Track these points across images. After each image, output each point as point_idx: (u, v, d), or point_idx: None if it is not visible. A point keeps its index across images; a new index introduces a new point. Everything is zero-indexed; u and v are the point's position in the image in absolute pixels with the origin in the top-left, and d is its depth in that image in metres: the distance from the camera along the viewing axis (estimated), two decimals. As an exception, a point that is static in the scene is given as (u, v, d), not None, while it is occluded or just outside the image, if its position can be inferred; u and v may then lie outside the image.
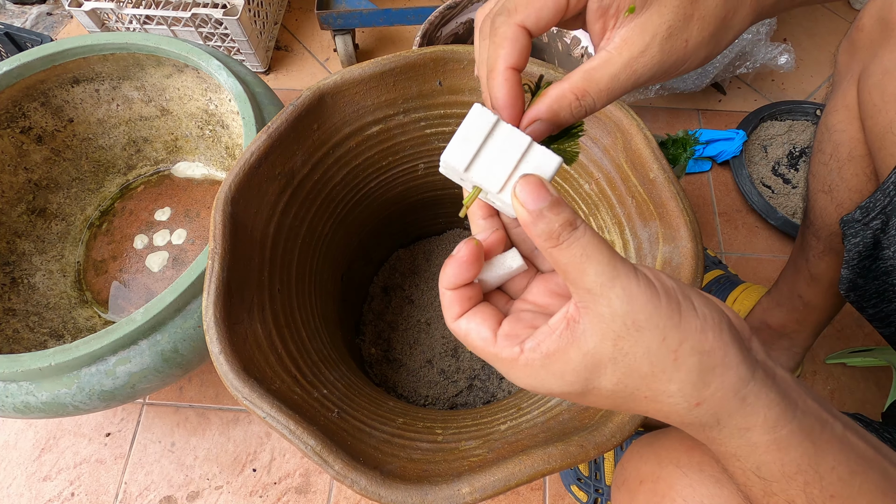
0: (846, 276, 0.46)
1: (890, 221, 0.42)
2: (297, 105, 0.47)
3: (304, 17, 1.12)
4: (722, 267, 0.76)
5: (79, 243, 0.81)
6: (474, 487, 0.33)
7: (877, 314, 0.45)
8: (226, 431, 0.72)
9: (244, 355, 0.38)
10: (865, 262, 0.45)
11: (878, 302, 0.45)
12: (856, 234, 0.45)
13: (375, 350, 0.70)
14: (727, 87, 0.97)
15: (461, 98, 0.53)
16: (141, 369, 0.52)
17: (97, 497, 0.68)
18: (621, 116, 0.46)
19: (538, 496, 0.66)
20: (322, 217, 0.55)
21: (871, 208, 0.43)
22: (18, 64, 0.68)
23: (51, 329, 0.70)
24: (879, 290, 0.44)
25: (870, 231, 0.43)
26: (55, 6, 1.19)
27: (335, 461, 0.34)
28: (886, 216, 0.42)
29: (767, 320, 0.64)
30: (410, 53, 0.49)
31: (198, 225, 0.82)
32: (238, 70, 0.68)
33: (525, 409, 0.43)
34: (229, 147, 0.80)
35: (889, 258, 0.42)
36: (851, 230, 0.45)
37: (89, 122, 0.79)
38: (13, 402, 0.52)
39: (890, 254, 0.42)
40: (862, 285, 0.45)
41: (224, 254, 0.40)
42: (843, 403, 0.71)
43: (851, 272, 0.46)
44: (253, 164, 0.45)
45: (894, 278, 0.42)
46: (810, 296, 0.58)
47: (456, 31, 0.78)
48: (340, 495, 0.67)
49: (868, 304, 0.46)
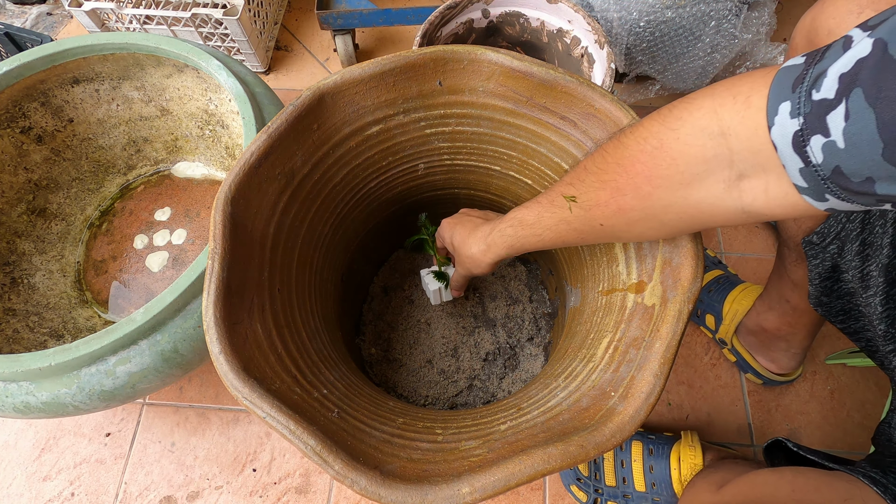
0: (812, 292, 0.46)
1: (845, 247, 0.42)
2: (297, 105, 0.47)
3: (304, 17, 1.12)
4: (722, 267, 0.76)
5: (79, 243, 0.81)
6: (474, 487, 0.33)
7: (846, 329, 0.46)
8: (226, 431, 0.72)
9: (244, 355, 0.38)
10: (827, 283, 0.45)
11: (845, 318, 0.45)
12: (815, 255, 0.45)
13: (375, 350, 0.70)
14: (727, 87, 0.96)
15: (461, 98, 0.53)
16: (141, 369, 0.52)
17: (97, 497, 0.68)
18: (621, 116, 0.46)
19: (538, 496, 0.66)
20: (322, 217, 0.55)
21: (827, 233, 0.44)
22: (18, 64, 0.68)
23: (51, 329, 0.70)
24: (845, 309, 0.45)
25: (828, 255, 0.44)
26: (55, 6, 1.19)
27: (335, 461, 0.34)
28: (841, 241, 0.43)
29: (762, 324, 0.64)
30: (410, 53, 0.49)
31: (198, 225, 0.82)
32: (238, 70, 0.68)
33: (525, 409, 0.43)
34: (229, 147, 0.80)
35: (849, 281, 0.42)
36: (812, 252, 0.46)
37: (89, 122, 0.79)
38: (13, 402, 0.52)
39: (849, 277, 0.42)
40: (827, 303, 0.46)
41: (224, 254, 0.40)
42: (843, 403, 0.71)
43: (816, 290, 0.46)
44: (253, 164, 0.45)
45: (857, 299, 0.42)
46: (796, 300, 0.58)
47: (456, 31, 0.78)
48: (340, 495, 0.67)
49: (836, 320, 0.46)
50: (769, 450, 0.48)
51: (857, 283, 0.41)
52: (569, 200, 0.38)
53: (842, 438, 0.69)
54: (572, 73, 0.48)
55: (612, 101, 0.46)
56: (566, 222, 0.40)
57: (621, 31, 0.78)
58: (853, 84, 0.22)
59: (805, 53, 0.25)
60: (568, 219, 0.39)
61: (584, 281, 0.55)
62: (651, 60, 0.82)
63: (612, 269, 0.49)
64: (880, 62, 0.21)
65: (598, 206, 0.36)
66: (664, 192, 0.32)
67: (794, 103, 0.24)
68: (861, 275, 0.41)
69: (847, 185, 0.23)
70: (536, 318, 0.72)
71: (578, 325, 0.53)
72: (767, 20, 0.80)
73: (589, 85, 0.47)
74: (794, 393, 0.72)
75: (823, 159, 0.23)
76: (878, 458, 0.40)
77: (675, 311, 0.38)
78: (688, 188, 0.31)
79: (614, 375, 0.40)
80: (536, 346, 0.70)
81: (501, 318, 0.72)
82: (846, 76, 0.22)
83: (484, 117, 0.54)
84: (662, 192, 0.32)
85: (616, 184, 0.34)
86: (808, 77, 0.24)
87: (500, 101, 0.52)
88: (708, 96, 0.29)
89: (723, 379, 0.73)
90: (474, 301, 0.73)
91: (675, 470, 0.59)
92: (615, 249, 0.49)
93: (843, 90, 0.22)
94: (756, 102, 0.26)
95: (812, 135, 0.23)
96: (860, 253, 0.41)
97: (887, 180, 0.22)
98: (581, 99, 0.48)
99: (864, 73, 0.21)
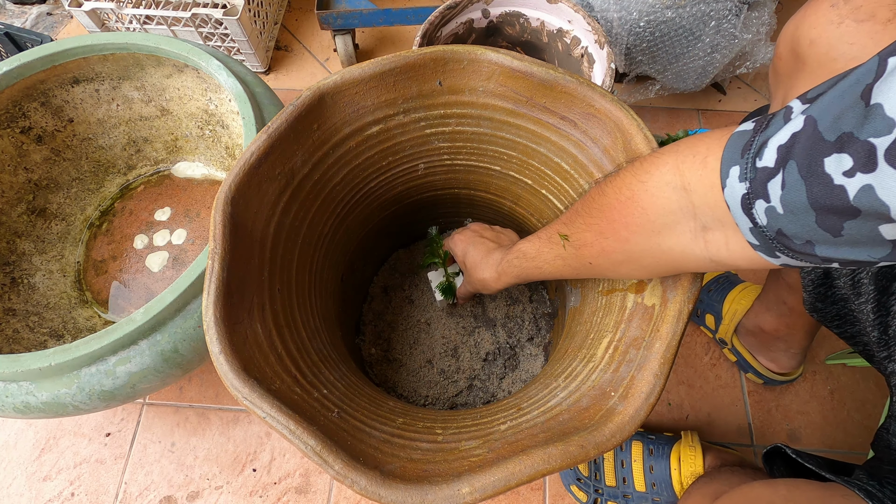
0: (807, 298, 0.47)
1: None
2: (297, 105, 0.47)
3: (304, 17, 1.12)
4: (722, 267, 0.76)
5: (79, 243, 0.81)
6: (474, 487, 0.33)
7: (842, 333, 0.46)
8: (226, 431, 0.72)
9: (244, 355, 0.38)
10: (821, 290, 0.45)
11: (840, 323, 0.45)
12: None
13: (375, 350, 0.70)
14: (727, 87, 0.97)
15: (461, 98, 0.53)
16: (141, 369, 0.52)
17: (97, 497, 0.68)
18: (621, 116, 0.45)
19: (538, 496, 0.66)
20: (322, 217, 0.55)
21: None
22: (18, 64, 0.68)
23: (51, 329, 0.70)
24: (840, 314, 0.45)
25: None
26: (55, 6, 1.19)
27: (335, 461, 0.34)
28: None
29: (760, 325, 0.64)
30: (410, 53, 0.49)
31: (198, 225, 0.82)
32: (238, 70, 0.68)
33: (525, 409, 0.43)
34: (229, 147, 0.80)
35: (841, 287, 0.43)
36: None
37: (89, 122, 0.79)
38: (13, 402, 0.51)
39: (841, 284, 0.42)
40: (822, 308, 0.46)
41: (224, 254, 0.40)
42: (843, 403, 0.71)
43: (811, 296, 0.46)
44: (253, 164, 0.45)
45: (851, 304, 0.42)
46: (793, 302, 0.58)
47: (456, 31, 0.78)
48: (340, 495, 0.67)
49: (832, 325, 0.46)
50: (768, 456, 0.48)
51: (849, 290, 0.41)
52: (563, 238, 0.41)
53: (842, 438, 0.69)
54: (572, 73, 0.48)
55: (612, 101, 0.46)
56: (562, 258, 0.43)
57: (621, 31, 0.78)
58: (788, 156, 0.23)
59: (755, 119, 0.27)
60: (563, 255, 0.42)
61: (584, 281, 0.55)
62: (651, 60, 0.82)
63: (612, 269, 0.49)
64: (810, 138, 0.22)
65: (585, 246, 0.39)
66: (640, 237, 0.34)
67: (741, 168, 0.26)
68: (852, 282, 0.41)
69: (791, 245, 0.25)
70: (536, 318, 0.72)
71: (578, 325, 0.53)
72: (767, 20, 0.80)
73: (589, 85, 0.47)
74: (794, 393, 0.72)
75: (767, 222, 0.25)
76: (877, 466, 0.39)
77: (675, 311, 0.38)
78: (659, 236, 0.33)
79: (614, 375, 0.40)
80: (536, 346, 0.70)
81: (501, 318, 0.72)
82: (783, 148, 0.24)
83: (484, 117, 0.54)
84: (638, 237, 0.34)
85: (599, 228, 0.37)
86: (754, 144, 0.25)
87: (500, 101, 0.52)
88: (672, 153, 0.31)
89: (723, 379, 0.73)
90: (474, 301, 0.73)
91: (675, 470, 0.59)
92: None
93: (780, 161, 0.24)
94: (711, 163, 0.28)
95: (756, 199, 0.25)
96: None
97: (825, 244, 0.24)
98: (581, 99, 0.48)
99: (797, 147, 0.23)
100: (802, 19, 0.39)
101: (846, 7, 0.36)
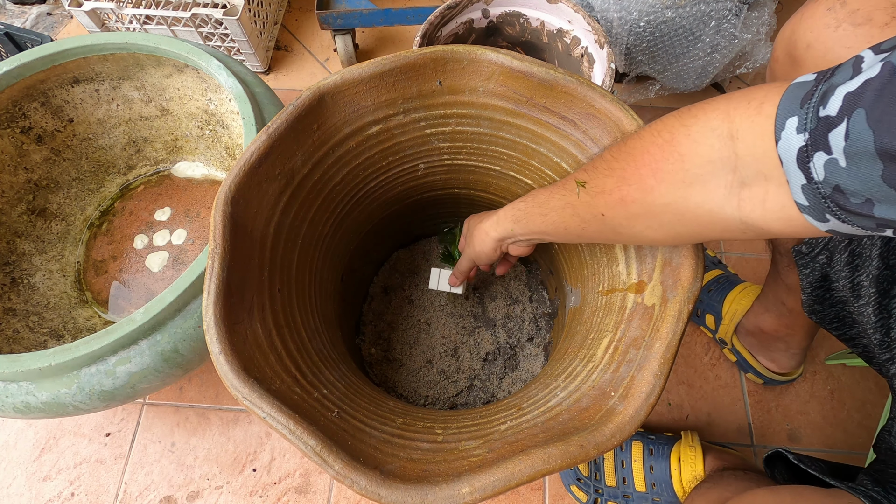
0: (805, 301, 0.47)
1: (834, 257, 0.43)
2: (297, 105, 0.47)
3: (304, 17, 1.12)
4: (721, 267, 0.76)
5: (79, 243, 0.81)
6: (474, 487, 0.33)
7: (841, 336, 0.46)
8: (226, 431, 0.72)
9: (244, 355, 0.38)
10: (819, 292, 0.45)
11: (839, 325, 0.45)
12: (805, 265, 0.46)
13: (375, 350, 0.70)
14: (727, 87, 0.97)
15: (461, 98, 0.53)
16: (141, 369, 0.52)
17: (97, 497, 0.68)
18: (621, 116, 0.46)
19: (538, 496, 0.66)
20: (322, 217, 0.55)
21: (815, 243, 0.44)
22: (18, 64, 0.68)
23: (51, 329, 0.70)
24: (839, 316, 0.45)
25: (818, 264, 0.44)
26: (55, 6, 1.19)
27: (335, 461, 0.34)
28: (830, 252, 0.43)
29: (760, 325, 0.64)
30: (410, 53, 0.49)
31: (198, 225, 0.82)
32: (238, 70, 0.68)
33: (525, 409, 0.43)
34: (229, 147, 0.80)
35: (840, 290, 0.42)
36: (801, 261, 0.46)
37: (89, 122, 0.79)
38: (13, 402, 0.52)
39: (840, 286, 0.42)
40: (821, 311, 0.46)
41: (224, 254, 0.40)
42: (843, 403, 0.71)
43: (809, 298, 0.46)
44: (253, 164, 0.45)
45: (850, 307, 0.42)
46: (792, 303, 0.58)
47: (456, 31, 0.78)
48: (340, 495, 0.67)
49: (831, 327, 0.46)
50: (769, 460, 0.48)
51: (849, 293, 0.41)
52: (579, 185, 0.39)
53: (842, 438, 0.69)
54: (572, 73, 0.48)
55: (613, 101, 0.46)
56: (571, 206, 0.40)
57: (621, 31, 0.78)
58: (856, 104, 0.22)
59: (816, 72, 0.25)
60: (574, 203, 0.40)
61: (584, 281, 0.55)
62: (651, 60, 0.82)
63: (612, 269, 0.49)
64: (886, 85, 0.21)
65: (603, 193, 0.37)
66: (666, 187, 0.32)
67: (801, 119, 0.24)
68: (851, 285, 0.41)
69: (846, 205, 0.23)
70: (536, 318, 0.72)
71: (578, 325, 0.53)
72: (767, 20, 0.80)
73: (589, 85, 0.47)
74: (794, 393, 0.72)
75: (825, 177, 0.24)
76: (881, 470, 0.39)
77: (675, 311, 0.38)
78: (689, 188, 0.31)
79: (614, 375, 0.40)
80: (536, 346, 0.70)
81: (501, 318, 0.72)
82: (851, 95, 0.22)
83: (484, 117, 0.54)
84: (665, 187, 0.32)
85: (623, 172, 0.35)
86: (816, 94, 0.24)
87: (500, 101, 0.52)
88: (724, 100, 0.29)
89: (723, 379, 0.73)
90: (474, 301, 0.73)
91: (675, 470, 0.59)
92: (615, 249, 0.48)
93: (846, 109, 0.22)
94: (767, 110, 0.26)
95: (816, 151, 0.23)
96: (849, 263, 0.41)
97: (886, 203, 0.22)
98: (581, 99, 0.48)
99: (869, 94, 0.21)
100: (799, 22, 0.39)
101: (843, 11, 0.36)
